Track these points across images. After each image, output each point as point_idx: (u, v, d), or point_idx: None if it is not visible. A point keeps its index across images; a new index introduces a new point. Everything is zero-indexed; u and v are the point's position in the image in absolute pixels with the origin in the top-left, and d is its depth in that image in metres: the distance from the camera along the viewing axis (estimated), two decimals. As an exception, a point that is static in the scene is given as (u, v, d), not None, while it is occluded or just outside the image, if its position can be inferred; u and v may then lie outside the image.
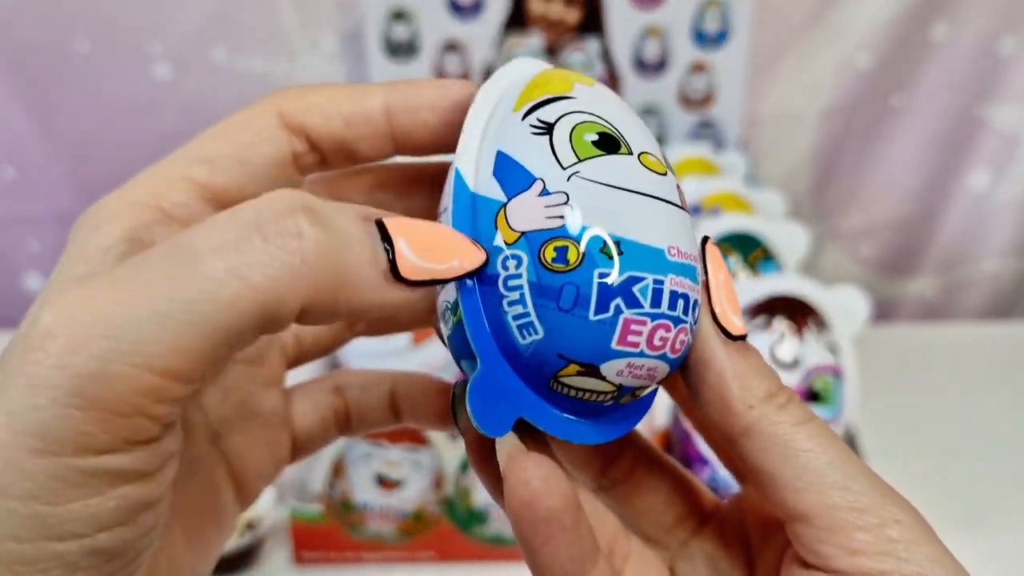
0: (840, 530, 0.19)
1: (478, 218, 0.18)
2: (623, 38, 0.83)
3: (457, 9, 0.81)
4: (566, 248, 0.18)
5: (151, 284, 0.16)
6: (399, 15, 0.81)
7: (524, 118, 0.19)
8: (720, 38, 0.83)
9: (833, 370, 0.61)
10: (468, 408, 0.18)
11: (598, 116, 0.19)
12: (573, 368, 0.18)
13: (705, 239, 0.20)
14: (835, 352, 0.62)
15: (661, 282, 0.18)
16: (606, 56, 0.84)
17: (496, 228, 0.18)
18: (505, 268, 0.18)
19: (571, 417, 0.19)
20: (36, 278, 0.94)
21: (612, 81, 0.85)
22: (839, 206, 0.95)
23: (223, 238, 0.16)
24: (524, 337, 0.18)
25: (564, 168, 0.18)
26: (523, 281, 0.18)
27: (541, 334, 0.18)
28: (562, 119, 0.19)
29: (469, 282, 0.18)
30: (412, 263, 0.18)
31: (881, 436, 0.66)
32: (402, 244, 0.18)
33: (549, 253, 0.18)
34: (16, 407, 0.16)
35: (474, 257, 0.18)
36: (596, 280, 0.18)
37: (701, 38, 0.83)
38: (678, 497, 0.24)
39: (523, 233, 0.18)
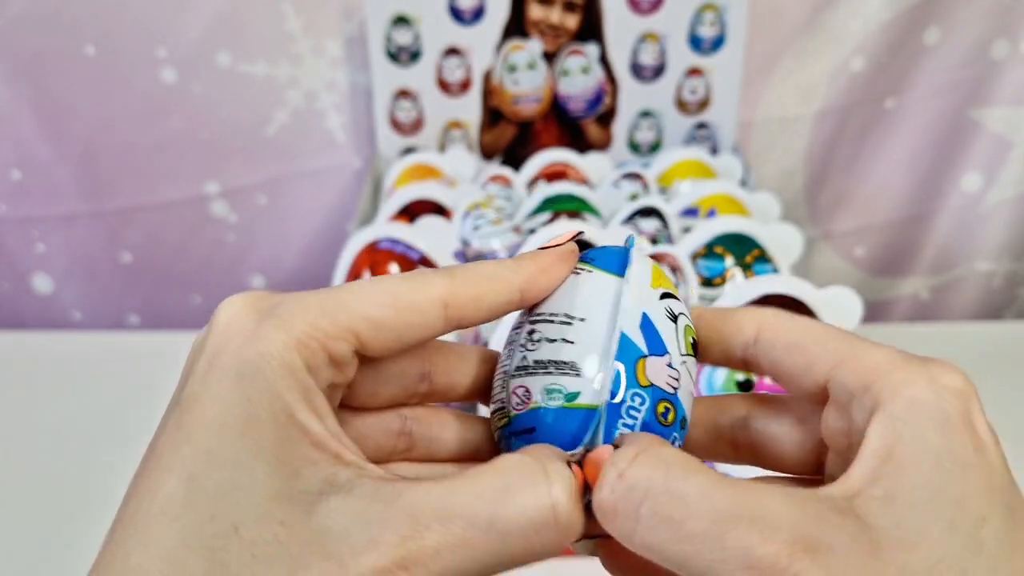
0: None
1: (623, 350, 0.23)
2: (621, 43, 0.84)
3: (458, 15, 0.82)
4: (668, 410, 0.24)
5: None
6: (401, 20, 0.82)
7: (661, 299, 0.25)
8: (716, 43, 0.84)
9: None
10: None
11: (689, 320, 0.25)
12: None
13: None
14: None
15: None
16: (604, 61, 0.85)
17: (636, 369, 0.23)
18: (632, 401, 0.23)
19: None
20: (43, 279, 0.95)
21: (611, 85, 0.86)
22: (833, 208, 0.96)
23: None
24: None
25: (681, 355, 0.24)
26: (640, 417, 0.23)
27: None
28: (680, 317, 0.25)
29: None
30: None
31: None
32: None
33: (660, 407, 0.24)
34: None
35: None
36: (676, 434, 0.24)
37: (697, 43, 0.84)
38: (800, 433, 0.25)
39: (652, 384, 0.23)
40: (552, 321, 0.24)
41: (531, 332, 0.24)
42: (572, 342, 0.23)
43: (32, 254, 0.93)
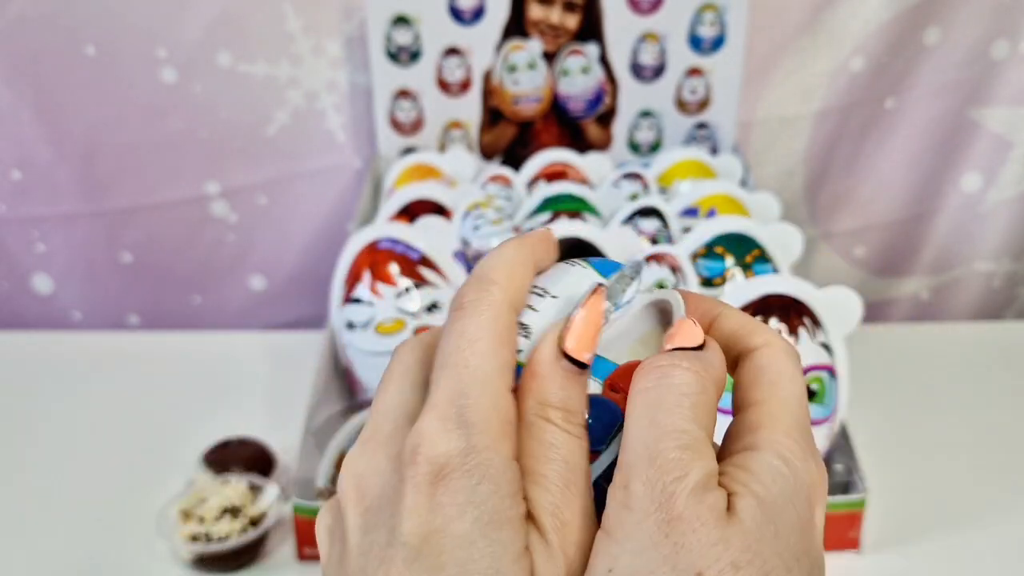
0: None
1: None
2: (621, 43, 0.84)
3: (458, 15, 0.82)
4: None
5: None
6: (401, 20, 0.82)
7: None
8: (716, 43, 0.84)
9: (827, 369, 0.63)
10: None
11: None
12: None
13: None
14: (829, 351, 0.63)
15: None
16: (604, 61, 0.85)
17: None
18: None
19: None
20: (43, 279, 0.95)
21: (611, 85, 0.86)
22: (833, 208, 0.96)
23: None
24: None
25: None
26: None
27: None
28: None
29: None
30: None
31: (874, 434, 0.67)
32: None
33: None
34: None
35: None
36: None
37: (697, 43, 0.85)
38: None
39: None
40: (533, 291, 0.27)
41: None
42: (537, 311, 0.26)
43: (32, 254, 0.93)
